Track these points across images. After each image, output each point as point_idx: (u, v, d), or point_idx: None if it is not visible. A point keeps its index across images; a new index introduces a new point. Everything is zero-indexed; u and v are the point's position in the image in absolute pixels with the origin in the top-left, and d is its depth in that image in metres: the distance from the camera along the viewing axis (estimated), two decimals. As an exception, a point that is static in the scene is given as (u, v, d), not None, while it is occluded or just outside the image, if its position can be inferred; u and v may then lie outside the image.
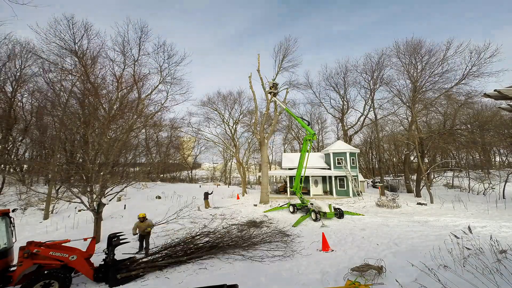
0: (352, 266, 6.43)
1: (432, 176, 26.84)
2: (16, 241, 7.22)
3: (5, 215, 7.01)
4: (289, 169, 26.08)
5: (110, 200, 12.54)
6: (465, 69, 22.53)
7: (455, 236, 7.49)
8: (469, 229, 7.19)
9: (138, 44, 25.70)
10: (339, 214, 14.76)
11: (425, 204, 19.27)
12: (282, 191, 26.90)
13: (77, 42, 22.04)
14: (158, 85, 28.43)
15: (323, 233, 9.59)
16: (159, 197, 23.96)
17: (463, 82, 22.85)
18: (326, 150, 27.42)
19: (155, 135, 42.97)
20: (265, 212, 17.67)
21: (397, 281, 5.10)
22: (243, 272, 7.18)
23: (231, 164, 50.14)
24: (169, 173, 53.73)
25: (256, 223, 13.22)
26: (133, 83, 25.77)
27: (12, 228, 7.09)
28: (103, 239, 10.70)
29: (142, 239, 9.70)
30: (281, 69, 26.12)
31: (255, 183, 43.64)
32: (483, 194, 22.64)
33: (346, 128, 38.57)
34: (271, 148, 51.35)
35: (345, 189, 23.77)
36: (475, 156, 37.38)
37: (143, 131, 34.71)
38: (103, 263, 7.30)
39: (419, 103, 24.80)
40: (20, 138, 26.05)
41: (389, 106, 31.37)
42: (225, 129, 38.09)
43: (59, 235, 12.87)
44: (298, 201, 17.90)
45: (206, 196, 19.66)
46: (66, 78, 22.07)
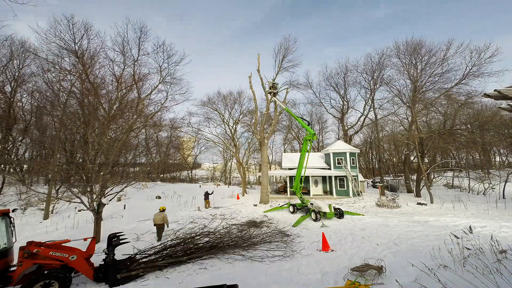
0: (352, 266, 6.44)
1: (432, 176, 26.83)
2: (16, 241, 7.22)
3: (5, 215, 7.01)
4: (289, 169, 26.09)
5: (110, 200, 12.54)
6: (465, 69, 22.57)
7: (455, 236, 7.50)
8: (469, 229, 7.20)
9: (137, 44, 25.74)
10: (339, 214, 14.76)
11: (425, 204, 19.27)
12: (282, 191, 26.90)
13: (77, 42, 22.10)
14: (157, 85, 28.48)
15: (323, 233, 9.60)
16: (159, 197, 23.97)
17: (463, 82, 22.87)
18: (326, 150, 27.42)
19: (155, 135, 43.00)
20: (265, 212, 17.67)
21: (397, 281, 5.11)
22: (243, 272, 7.18)
23: (231, 164, 50.14)
24: (169, 173, 53.71)
25: (256, 223, 13.22)
26: (133, 83, 25.81)
27: (12, 228, 7.09)
28: (103, 239, 10.70)
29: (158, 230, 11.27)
30: (281, 69, 26.14)
31: (255, 183, 43.63)
32: (483, 194, 22.64)
33: (346, 128, 38.57)
34: (271, 148, 51.37)
35: (345, 189, 23.78)
36: (475, 156, 37.37)
37: (143, 131, 34.72)
38: (103, 263, 7.29)
39: (419, 103, 24.79)
40: (20, 138, 26.06)
41: (389, 106, 31.42)
42: (225, 129, 38.12)
43: (59, 235, 12.86)
44: (298, 201, 17.90)
45: (206, 196, 19.69)
46: (65, 78, 22.09)
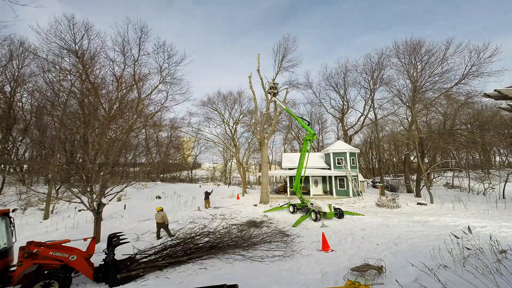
0: (352, 266, 6.43)
1: (432, 176, 26.82)
2: (16, 241, 7.21)
3: (5, 215, 7.01)
4: (289, 169, 26.09)
5: (110, 200, 12.54)
6: (465, 69, 22.56)
7: (455, 236, 7.50)
8: (469, 229, 7.20)
9: (138, 44, 25.72)
10: (339, 214, 14.76)
11: (425, 204, 19.27)
12: (282, 191, 26.90)
13: (77, 42, 22.07)
14: (158, 85, 28.45)
15: (323, 233, 9.60)
16: (159, 197, 23.97)
17: (463, 82, 22.86)
18: (326, 150, 27.42)
19: (155, 135, 42.98)
20: (265, 212, 17.67)
21: (397, 281, 5.11)
22: (243, 272, 7.18)
23: (231, 164, 50.14)
24: (169, 173, 53.71)
25: (256, 223, 13.22)
26: (133, 83, 25.79)
27: (12, 228, 7.09)
28: (103, 239, 10.70)
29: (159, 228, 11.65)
30: (281, 69, 26.13)
31: (255, 183, 43.62)
32: (483, 194, 22.63)
33: (346, 128, 38.57)
34: (271, 148, 51.37)
35: (345, 189, 23.78)
36: (475, 156, 37.37)
37: (143, 131, 34.71)
38: (103, 263, 7.29)
39: (419, 103, 24.78)
40: (20, 138, 26.05)
41: (389, 106, 31.37)
42: (225, 129, 38.12)
43: (59, 235, 12.86)
44: (298, 201, 17.90)
45: (206, 195, 19.68)
46: (65, 78, 22.08)
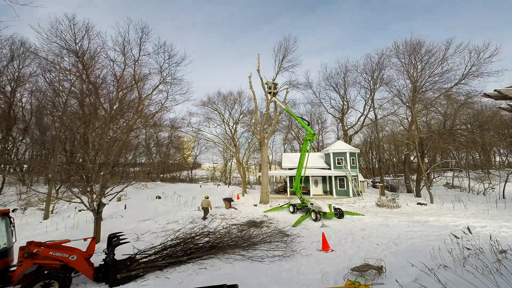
0: (352, 266, 6.43)
1: (432, 176, 26.82)
2: (16, 241, 7.22)
3: (5, 215, 7.01)
4: (289, 169, 26.09)
5: (110, 200, 12.55)
6: (465, 69, 22.56)
7: (455, 236, 7.50)
8: (469, 229, 7.20)
9: (138, 44, 25.66)
10: (339, 214, 14.76)
11: (425, 204, 19.27)
12: (282, 191, 26.90)
13: (78, 42, 22.07)
14: (158, 85, 28.39)
15: (323, 233, 9.60)
16: (159, 197, 23.96)
17: (462, 82, 22.86)
18: (326, 150, 27.42)
19: (155, 135, 43.00)
20: (265, 212, 17.67)
21: (397, 281, 5.10)
22: (243, 272, 7.18)
23: (231, 164, 50.10)
24: (169, 173, 53.69)
25: (256, 223, 13.22)
26: (133, 83, 25.79)
27: (12, 228, 7.09)
28: (103, 239, 10.69)
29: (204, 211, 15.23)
30: (281, 69, 26.12)
31: (255, 183, 43.60)
32: (483, 194, 22.63)
33: (346, 128, 38.56)
34: (271, 148, 51.35)
35: (345, 189, 23.77)
36: (475, 156, 37.36)
37: (143, 131, 34.77)
38: (103, 263, 7.29)
39: (419, 103, 24.78)
40: (20, 138, 26.06)
41: (389, 106, 31.38)
42: (225, 129, 38.08)
43: (59, 235, 12.86)
44: (298, 201, 17.89)
45: (229, 200, 19.62)
46: (66, 78, 22.10)
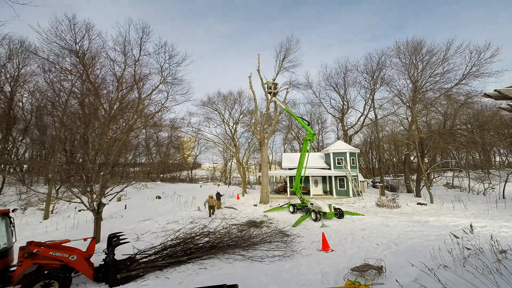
0: (352, 266, 6.43)
1: (432, 176, 26.83)
2: (16, 241, 7.22)
3: (5, 215, 7.01)
4: (289, 169, 26.08)
5: (110, 200, 12.54)
6: (465, 69, 22.58)
7: (455, 236, 7.50)
8: (470, 228, 7.19)
9: (139, 44, 25.73)
10: (339, 214, 14.76)
11: (425, 204, 19.26)
12: (282, 191, 26.89)
13: (78, 42, 22.08)
14: (158, 85, 28.44)
15: (323, 233, 9.59)
16: (159, 197, 23.96)
17: (463, 82, 22.87)
18: (326, 150, 27.41)
19: (155, 135, 43.03)
20: (265, 212, 17.66)
21: (397, 281, 5.10)
22: (243, 272, 7.18)
23: (231, 164, 50.12)
24: (169, 173, 53.72)
25: (256, 223, 13.22)
26: (134, 83, 25.80)
27: (12, 228, 7.09)
28: (103, 239, 10.70)
29: (210, 209, 15.91)
30: (282, 69, 26.11)
31: (255, 183, 43.60)
32: (483, 194, 22.63)
33: (346, 128, 38.55)
34: (271, 148, 51.39)
35: (345, 189, 23.77)
36: (475, 156, 37.37)
37: (143, 131, 34.77)
38: (103, 263, 7.29)
39: (419, 103, 24.78)
40: (20, 138, 26.06)
41: (389, 106, 31.39)
42: (225, 129, 38.08)
43: (59, 235, 12.87)
44: (298, 201, 17.89)
45: (218, 197, 19.44)
46: (66, 78, 22.09)
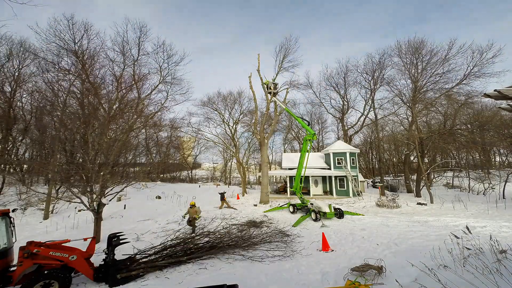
0: (352, 266, 6.43)
1: (432, 176, 26.84)
2: (16, 241, 7.21)
3: (5, 215, 7.01)
4: (289, 169, 26.08)
5: (110, 200, 12.54)
6: (467, 69, 22.55)
7: (455, 236, 7.47)
8: (468, 228, 7.19)
9: (137, 44, 25.73)
10: (339, 214, 14.75)
11: (425, 204, 19.27)
12: (282, 191, 26.89)
13: (77, 42, 22.08)
14: (158, 85, 28.47)
15: (323, 233, 9.59)
16: (159, 197, 23.97)
17: (464, 82, 22.85)
18: (326, 150, 27.42)
19: (155, 135, 43.01)
20: (265, 212, 17.66)
21: (397, 281, 5.10)
22: (243, 272, 7.18)
23: (231, 164, 50.12)
24: (169, 173, 53.70)
25: (256, 223, 13.21)
26: (133, 83, 25.81)
27: (12, 228, 7.09)
28: (103, 239, 10.69)
29: (190, 221, 11.94)
30: (282, 69, 26.13)
31: (255, 183, 43.60)
32: (483, 194, 22.64)
33: (346, 128, 38.53)
34: (271, 148, 51.40)
35: (345, 189, 23.77)
36: (475, 156, 37.38)
37: (143, 131, 34.76)
38: (103, 263, 7.29)
39: (419, 103, 24.78)
40: (20, 138, 26.06)
41: (390, 106, 31.41)
42: (225, 129, 38.07)
43: (59, 235, 12.86)
44: (298, 201, 17.89)
45: (222, 196, 19.27)
46: (65, 78, 22.09)
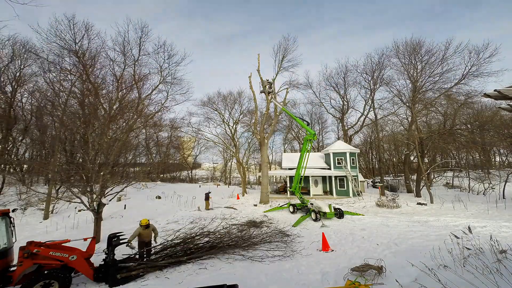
0: (352, 266, 6.42)
1: (432, 176, 26.84)
2: (16, 241, 7.21)
3: (5, 215, 7.00)
4: (289, 169, 26.08)
5: (110, 200, 12.54)
6: (465, 69, 22.60)
7: (455, 236, 7.49)
8: (469, 229, 7.19)
9: (138, 44, 25.72)
10: (339, 214, 14.75)
11: (425, 204, 19.26)
12: (282, 191, 26.89)
13: (77, 42, 22.07)
14: (158, 85, 28.45)
15: (323, 233, 9.59)
16: (159, 197, 23.97)
17: (462, 82, 22.89)
18: (326, 150, 27.42)
19: (155, 135, 43.05)
20: (265, 212, 17.66)
21: (397, 281, 5.10)
22: (243, 272, 7.17)
23: (231, 164, 50.15)
24: (169, 173, 53.74)
25: (256, 223, 13.21)
26: (133, 83, 25.81)
27: (12, 228, 7.08)
28: (103, 239, 10.69)
29: (143, 246, 8.34)
30: (281, 69, 26.13)
31: (255, 183, 43.62)
32: (483, 194, 22.64)
33: (346, 128, 38.55)
34: (271, 148, 51.45)
35: (345, 189, 23.77)
36: (475, 156, 37.39)
37: (143, 131, 34.79)
38: (103, 263, 7.28)
39: (419, 103, 24.79)
40: (20, 138, 26.06)
41: (389, 106, 31.42)
42: (225, 129, 38.10)
43: (59, 235, 12.87)
44: (298, 201, 17.90)
45: (207, 196, 18.74)
46: (66, 78, 22.09)
